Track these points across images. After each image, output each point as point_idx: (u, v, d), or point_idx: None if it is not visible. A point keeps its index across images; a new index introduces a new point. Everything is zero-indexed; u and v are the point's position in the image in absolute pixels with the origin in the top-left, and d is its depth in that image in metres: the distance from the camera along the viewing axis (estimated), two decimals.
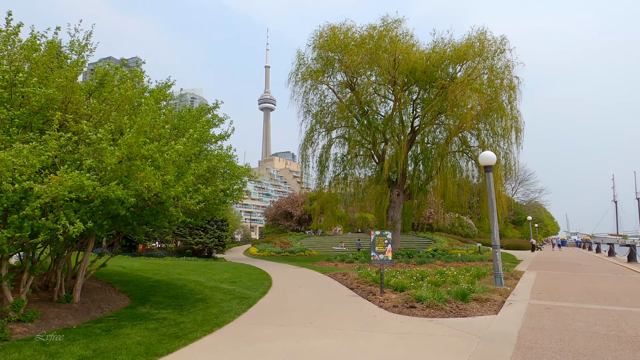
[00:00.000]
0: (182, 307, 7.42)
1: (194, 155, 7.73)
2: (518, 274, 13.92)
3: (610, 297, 9.27)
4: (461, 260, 20.33)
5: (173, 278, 11.66)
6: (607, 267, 18.17)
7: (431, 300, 7.79)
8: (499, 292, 9.63)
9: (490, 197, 11.17)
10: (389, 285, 10.36)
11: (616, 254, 28.47)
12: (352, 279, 12.88)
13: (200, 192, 5.98)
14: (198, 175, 6.28)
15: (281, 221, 51.43)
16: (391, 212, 25.21)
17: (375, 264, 9.63)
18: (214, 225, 24.38)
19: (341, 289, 10.92)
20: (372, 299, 8.94)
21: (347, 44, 24.04)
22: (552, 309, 7.72)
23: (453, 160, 26.54)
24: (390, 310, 7.74)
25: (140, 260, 18.64)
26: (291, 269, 17.80)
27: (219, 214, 8.62)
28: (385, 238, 9.64)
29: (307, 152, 27.67)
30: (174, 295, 8.83)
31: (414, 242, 39.78)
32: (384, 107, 27.63)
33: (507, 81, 23.74)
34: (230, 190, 7.49)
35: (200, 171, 6.14)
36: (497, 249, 10.92)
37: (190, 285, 10.40)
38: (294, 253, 32.21)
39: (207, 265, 17.21)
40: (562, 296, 9.35)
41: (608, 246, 31.58)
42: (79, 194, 4.64)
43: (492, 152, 11.74)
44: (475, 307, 7.85)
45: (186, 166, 6.35)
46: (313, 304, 8.34)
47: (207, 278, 12.12)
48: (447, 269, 13.86)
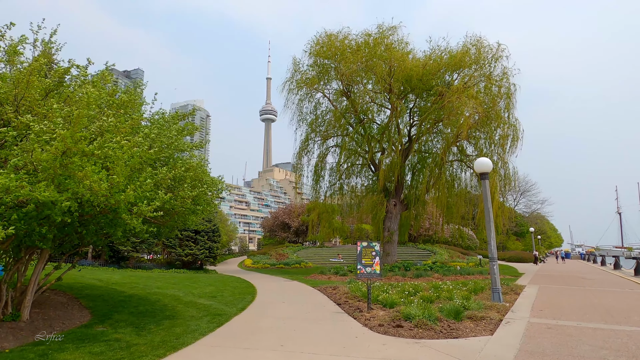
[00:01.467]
0: (144, 326, 6.71)
1: (163, 161, 7.14)
2: (518, 288, 13.13)
3: (618, 314, 8.51)
4: (460, 274, 19.50)
5: (150, 292, 10.94)
6: (613, 281, 17.33)
7: (420, 319, 7.07)
8: (497, 309, 8.88)
9: (486, 206, 10.51)
10: (378, 301, 9.62)
11: (622, 267, 27.52)
12: (341, 293, 12.14)
13: (159, 198, 5.35)
14: (159, 182, 5.66)
15: (278, 232, 50.54)
16: (388, 222, 24.47)
17: (361, 277, 8.92)
18: (205, 236, 23.66)
19: (327, 304, 10.19)
20: (357, 316, 8.22)
21: (344, 50, 23.68)
22: (553, 329, 6.98)
23: (451, 169, 25.92)
24: (375, 329, 7.01)
25: (124, 272, 17.90)
26: (281, 282, 17.02)
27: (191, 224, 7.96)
28: (372, 250, 8.95)
29: (302, 162, 27.10)
30: (142, 311, 8.12)
31: (414, 254, 38.86)
32: (381, 115, 27.16)
33: (504, 88, 23.28)
34: (200, 200, 6.86)
35: (162, 176, 5.53)
36: (494, 261, 10.19)
37: (165, 300, 9.69)
38: (289, 265, 31.37)
39: (193, 278, 16.47)
40: (565, 313, 8.59)
41: (613, 259, 30.62)
42: (2, 196, 4.01)
43: (487, 158, 11.11)
44: (469, 327, 7.12)
45: (146, 169, 5.74)
46: (291, 322, 7.62)
47: (187, 292, 11.40)
48: (443, 283, 13.10)
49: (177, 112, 7.64)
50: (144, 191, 5.28)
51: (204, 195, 6.79)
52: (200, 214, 7.61)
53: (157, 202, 5.23)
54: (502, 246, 52.75)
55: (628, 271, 24.91)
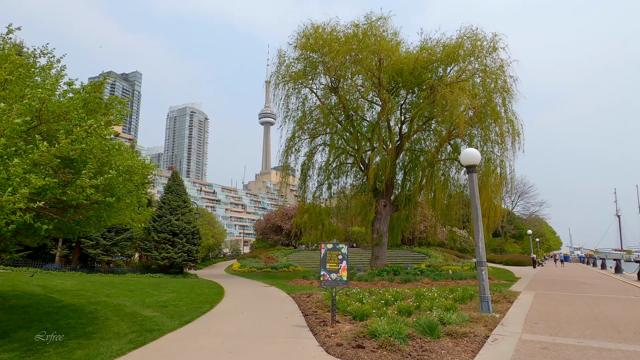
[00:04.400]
0: (42, 348, 5.42)
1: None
2: (512, 295, 11.85)
3: (626, 329, 7.23)
4: (451, 278, 18.21)
5: (93, 301, 9.63)
6: (615, 287, 16.04)
7: (386, 338, 5.78)
8: (484, 322, 7.60)
9: (474, 203, 9.25)
10: (347, 312, 8.34)
11: (624, 270, 26.23)
12: (314, 301, 10.88)
13: (31, 185, 4.09)
14: (37, 161, 4.36)
15: (270, 235, 49.26)
16: (377, 224, 23.17)
17: (325, 285, 7.63)
18: (183, 239, 22.31)
19: (293, 315, 8.90)
20: (318, 332, 6.94)
21: (331, 43, 22.40)
22: (550, 350, 5.71)
23: (444, 169, 24.67)
24: (331, 351, 5.73)
25: (89, 277, 16.58)
26: (257, 288, 15.72)
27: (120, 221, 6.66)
28: (339, 253, 7.68)
29: (288, 161, 25.83)
30: (60, 326, 6.82)
31: (407, 258, 37.56)
32: (371, 112, 25.90)
33: (501, 82, 22.01)
34: (117, 190, 5.57)
35: (40, 153, 4.25)
36: (482, 265, 8.91)
37: (102, 312, 8.39)
38: (277, 269, 30.04)
39: (159, 284, 15.15)
40: (563, 328, 7.32)
41: (614, 262, 29.33)
42: None
43: (475, 149, 9.87)
44: (446, 347, 5.84)
45: (17, 144, 4.41)
46: (233, 340, 6.33)
47: (137, 301, 10.09)
48: (428, 290, 11.81)
49: (91, 82, 6.33)
50: (10, 174, 4.01)
51: (120, 185, 5.50)
52: (127, 210, 6.31)
53: (24, 190, 3.96)
54: (500, 249, 51.45)
55: (630, 275, 23.63)
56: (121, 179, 5.54)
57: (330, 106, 24.66)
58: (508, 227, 55.76)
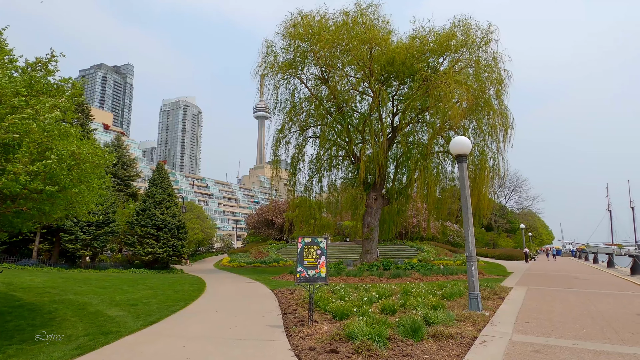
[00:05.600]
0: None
1: None
2: (504, 291, 11.40)
3: (623, 328, 6.76)
4: (442, 273, 17.79)
5: (57, 300, 8.99)
6: (609, 282, 15.70)
7: (362, 341, 5.23)
8: (472, 321, 7.09)
9: (463, 195, 8.71)
10: (327, 311, 7.80)
11: (616, 265, 26.05)
12: (296, 298, 10.36)
13: None
14: None
15: (262, 229, 48.66)
16: (367, 218, 22.65)
17: (302, 282, 7.06)
18: (168, 233, 21.62)
19: (270, 314, 8.35)
20: (294, 333, 6.38)
21: (320, 31, 21.63)
22: (542, 352, 5.20)
23: (437, 161, 24.16)
24: (302, 355, 5.17)
25: (65, 273, 15.90)
26: (241, 284, 15.15)
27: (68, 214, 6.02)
28: (317, 247, 7.10)
29: (278, 153, 25.19)
30: (6, 329, 6.19)
31: (400, 252, 37.17)
32: (362, 104, 25.25)
33: (494, 74, 21.48)
34: (61, 178, 4.91)
35: None
36: (472, 260, 8.40)
37: (62, 311, 7.75)
38: (267, 264, 29.49)
39: (138, 280, 14.52)
40: (557, 327, 6.83)
41: (607, 256, 29.18)
42: None
43: (466, 137, 9.32)
44: (430, 350, 5.30)
45: None
46: (197, 344, 5.74)
47: (106, 299, 9.47)
48: (416, 285, 11.31)
49: (37, 59, 5.64)
50: None
51: (63, 172, 4.84)
52: (81, 202, 5.64)
53: None
54: (493, 243, 51.36)
55: (623, 270, 23.40)
56: (65, 165, 4.89)
57: (321, 97, 23.96)
58: (501, 222, 55.71)
